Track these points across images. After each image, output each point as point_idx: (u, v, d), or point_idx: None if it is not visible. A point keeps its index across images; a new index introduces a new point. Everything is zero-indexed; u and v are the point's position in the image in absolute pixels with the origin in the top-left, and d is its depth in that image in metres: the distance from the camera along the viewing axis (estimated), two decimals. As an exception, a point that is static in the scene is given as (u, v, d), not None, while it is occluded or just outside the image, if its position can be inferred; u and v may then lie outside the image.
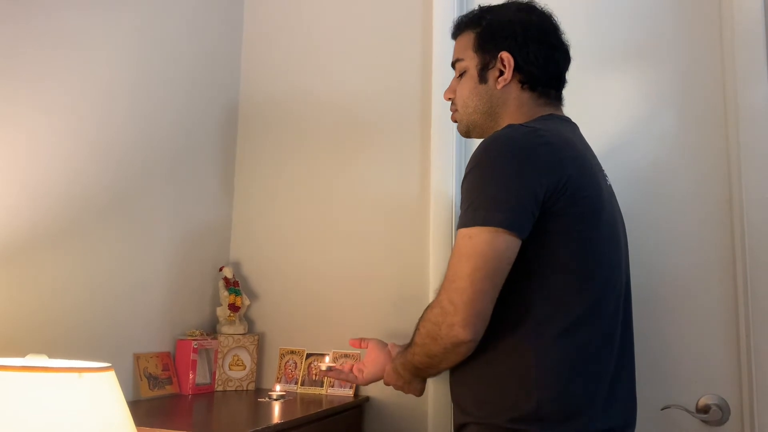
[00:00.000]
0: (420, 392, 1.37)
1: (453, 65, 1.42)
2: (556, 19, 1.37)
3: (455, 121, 1.43)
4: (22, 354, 1.07)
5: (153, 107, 1.76)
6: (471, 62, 1.36)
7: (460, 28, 1.41)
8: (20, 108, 1.37)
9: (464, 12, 1.87)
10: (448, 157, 1.87)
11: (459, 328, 1.12)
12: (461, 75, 1.39)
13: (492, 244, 1.12)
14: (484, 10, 1.38)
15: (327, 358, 1.66)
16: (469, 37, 1.37)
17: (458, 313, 1.12)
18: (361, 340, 1.51)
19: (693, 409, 1.62)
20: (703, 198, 1.69)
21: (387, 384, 1.39)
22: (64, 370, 0.96)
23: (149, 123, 1.74)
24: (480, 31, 1.35)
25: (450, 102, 1.43)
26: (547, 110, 1.33)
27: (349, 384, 1.83)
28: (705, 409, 1.62)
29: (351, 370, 1.49)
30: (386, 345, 1.47)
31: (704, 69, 1.73)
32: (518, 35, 1.32)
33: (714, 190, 1.69)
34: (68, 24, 1.49)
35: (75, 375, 0.96)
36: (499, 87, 1.33)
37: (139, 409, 1.53)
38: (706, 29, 1.74)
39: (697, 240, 1.69)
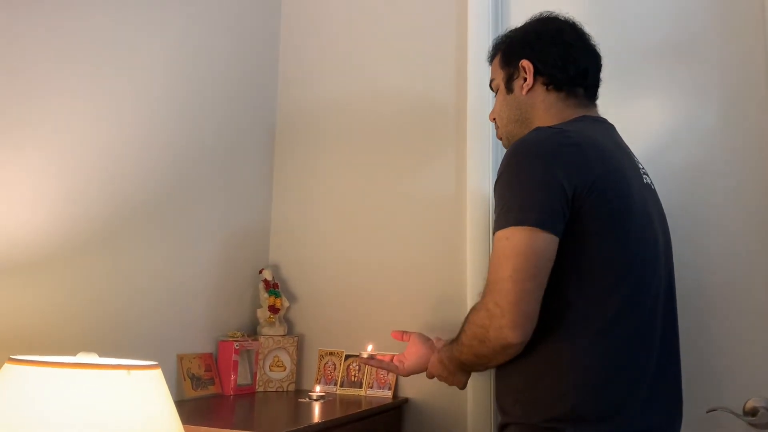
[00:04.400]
0: (463, 385, 1.39)
1: (491, 87, 1.49)
2: (578, 24, 1.40)
3: (500, 139, 1.47)
4: (73, 352, 1.10)
5: (193, 114, 1.80)
6: (499, 78, 1.43)
7: (492, 52, 1.48)
8: (69, 117, 1.41)
9: (498, 7, 1.92)
10: (484, 155, 1.87)
11: (508, 330, 1.12)
12: (497, 92, 1.45)
13: (530, 243, 1.12)
14: (510, 30, 1.46)
15: (369, 347, 1.67)
16: (497, 58, 1.45)
17: (505, 315, 1.12)
18: (403, 332, 1.53)
19: (740, 411, 1.59)
20: (748, 197, 1.66)
21: (431, 376, 1.41)
22: (113, 367, 0.99)
23: (190, 130, 1.78)
24: (504, 49, 1.43)
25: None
26: (579, 112, 1.34)
27: (388, 385, 1.84)
28: (753, 412, 1.58)
29: (392, 360, 1.51)
30: (429, 339, 1.49)
31: (747, 65, 1.70)
32: (533, 42, 1.38)
33: (759, 188, 1.65)
34: (113, 33, 1.53)
35: (124, 372, 0.99)
36: (524, 93, 1.37)
37: (183, 408, 1.56)
38: (749, 24, 1.71)
39: (743, 240, 1.65)
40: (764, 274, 1.62)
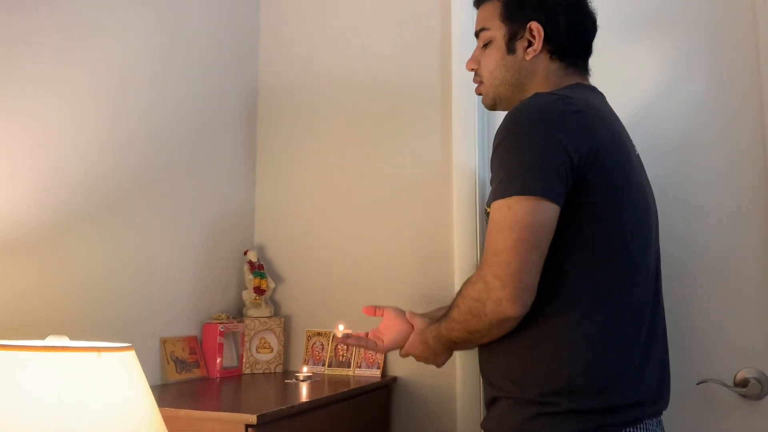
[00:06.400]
0: (442, 364, 1.35)
1: (476, 34, 1.37)
2: None
3: (480, 94, 1.39)
4: (46, 337, 1.07)
5: (174, 94, 1.75)
6: (498, 32, 1.31)
7: None
8: (47, 97, 1.37)
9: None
10: (469, 131, 1.84)
11: (507, 303, 1.08)
12: (485, 45, 1.34)
13: (534, 213, 1.08)
14: None
15: (341, 326, 1.62)
16: (494, 6, 1.33)
17: (506, 287, 1.08)
18: (376, 308, 1.46)
19: (730, 383, 1.57)
20: (737, 168, 1.63)
21: (406, 354, 1.36)
22: (82, 349, 0.96)
23: (171, 110, 1.74)
24: (507, 1, 1.31)
25: (473, 73, 1.39)
26: (574, 79, 1.30)
27: (376, 364, 1.82)
28: (743, 383, 1.57)
29: (367, 336, 1.44)
30: (404, 313, 1.42)
31: (736, 31, 1.66)
32: (548, 4, 1.28)
33: (748, 158, 1.62)
34: (87, 11, 1.48)
35: (94, 354, 0.96)
36: (528, 58, 1.29)
37: (166, 392, 1.54)
38: (737, -11, 1.67)
39: (731, 211, 1.63)
40: (754, 246, 1.60)
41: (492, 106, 1.38)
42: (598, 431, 1.11)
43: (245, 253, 1.97)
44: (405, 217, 1.90)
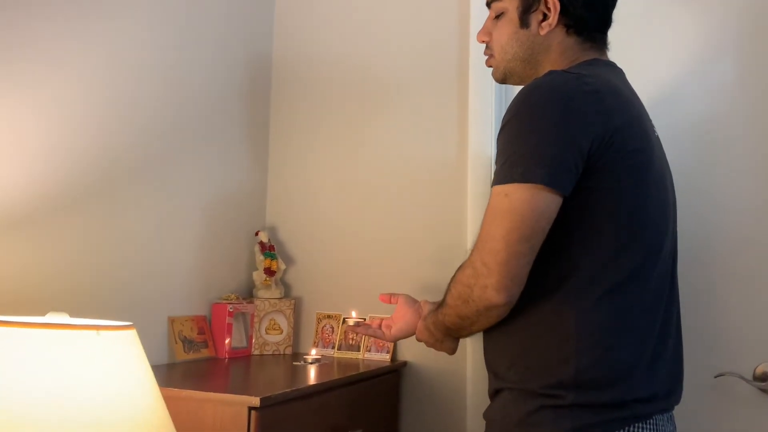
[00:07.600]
0: (453, 351, 1.31)
1: (488, 4, 1.31)
2: None
3: (490, 66, 1.33)
4: (46, 313, 1.06)
5: (186, 69, 1.73)
6: (511, 4, 1.25)
7: None
8: (52, 73, 1.35)
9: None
10: (486, 115, 1.79)
11: (492, 291, 1.05)
12: (498, 16, 1.28)
13: (531, 203, 1.04)
14: None
15: (353, 313, 1.61)
16: None
17: (492, 275, 1.05)
18: (391, 295, 1.44)
19: (750, 377, 1.53)
20: (762, 155, 1.57)
21: (419, 340, 1.34)
22: (81, 327, 0.94)
23: (182, 85, 1.72)
24: None
25: (484, 45, 1.33)
26: (591, 55, 1.23)
27: (386, 348, 1.80)
28: (763, 377, 1.53)
29: (379, 326, 1.43)
30: (416, 301, 1.39)
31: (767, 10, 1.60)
32: None
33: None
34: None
35: (93, 332, 0.94)
36: (542, 33, 1.22)
37: (174, 371, 1.53)
38: (770, -33, 1.60)
39: (753, 200, 1.58)
40: (779, 234, 1.55)
41: (502, 80, 1.32)
42: (604, 426, 1.07)
43: (256, 234, 1.95)
44: (419, 201, 1.87)
